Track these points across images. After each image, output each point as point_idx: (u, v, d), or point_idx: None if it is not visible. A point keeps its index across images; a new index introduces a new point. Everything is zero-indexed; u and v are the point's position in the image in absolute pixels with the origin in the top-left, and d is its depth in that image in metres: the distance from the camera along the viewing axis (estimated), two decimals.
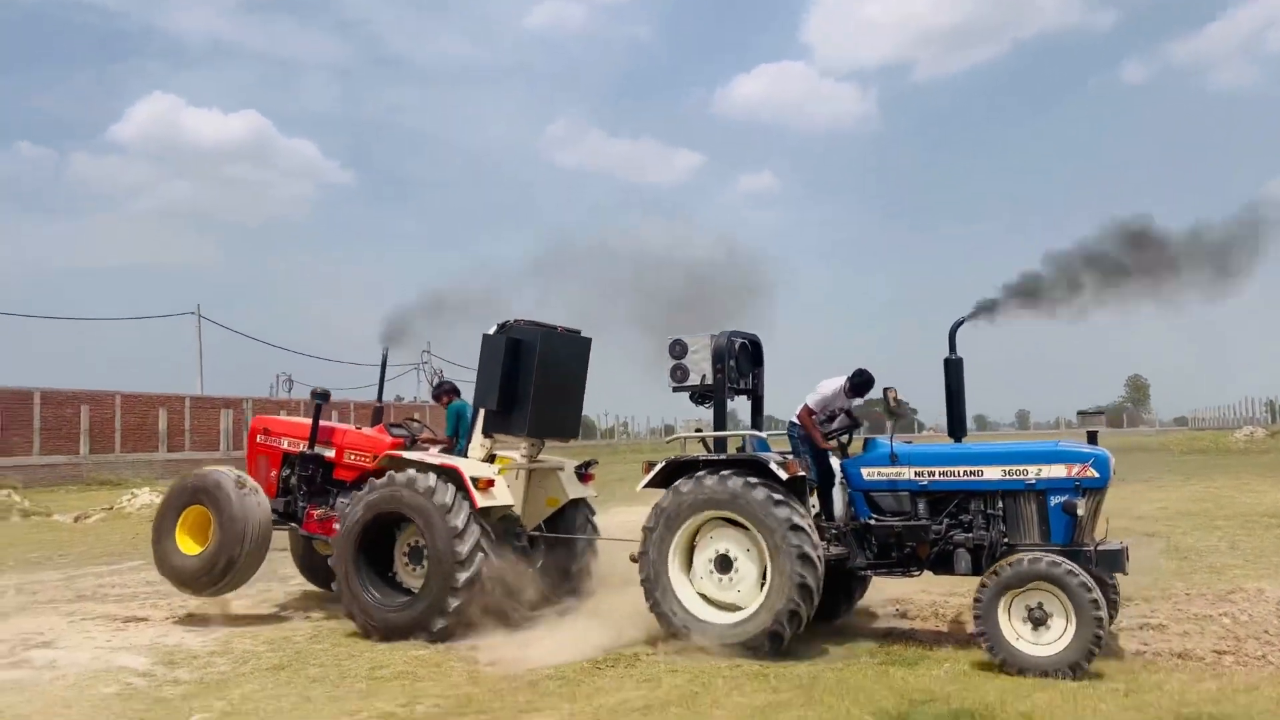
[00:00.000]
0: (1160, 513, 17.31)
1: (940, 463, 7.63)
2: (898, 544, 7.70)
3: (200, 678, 7.24)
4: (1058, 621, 6.56)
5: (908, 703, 5.95)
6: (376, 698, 6.54)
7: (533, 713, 6.08)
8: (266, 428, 10.43)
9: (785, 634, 7.16)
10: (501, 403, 8.77)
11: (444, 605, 8.04)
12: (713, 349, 8.08)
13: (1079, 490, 7.16)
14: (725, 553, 7.53)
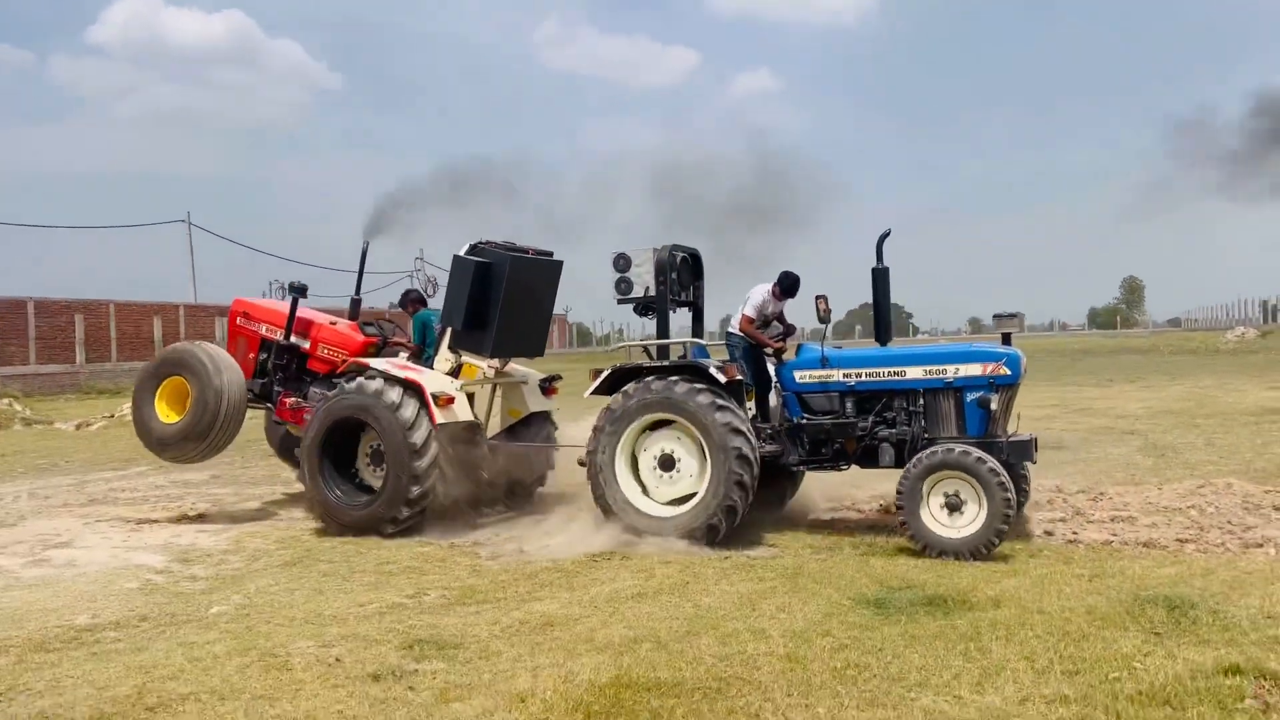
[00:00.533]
0: (1144, 411, 17.73)
1: (866, 365, 8.20)
2: (828, 441, 8.26)
3: (216, 574, 7.60)
4: (971, 507, 7.10)
5: (886, 589, 6.30)
6: (385, 589, 6.90)
7: (533, 601, 6.43)
8: (246, 311, 10.83)
9: (722, 527, 7.70)
10: (467, 323, 9.14)
11: (397, 513, 8.58)
12: (655, 262, 8.46)
13: (992, 387, 7.73)
14: (669, 452, 8.00)
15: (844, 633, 5.41)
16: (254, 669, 5.21)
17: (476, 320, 9.14)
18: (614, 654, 5.19)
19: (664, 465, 8.03)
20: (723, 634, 5.48)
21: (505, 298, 9.11)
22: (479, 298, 9.10)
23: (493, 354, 9.43)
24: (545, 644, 5.47)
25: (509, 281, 9.11)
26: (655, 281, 8.46)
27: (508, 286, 9.10)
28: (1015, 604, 5.81)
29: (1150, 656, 4.81)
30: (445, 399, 8.78)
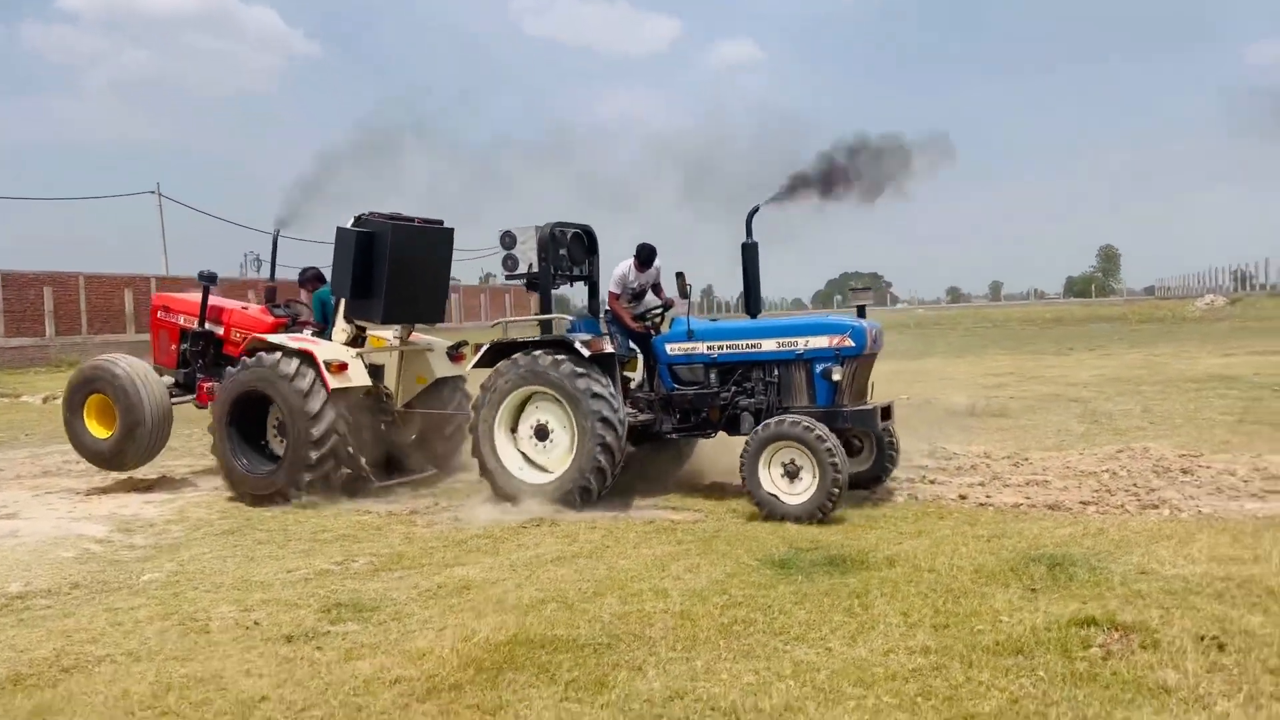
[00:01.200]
0: (1093, 379, 18.09)
1: (727, 337, 8.57)
2: (694, 410, 8.67)
3: (155, 543, 7.80)
4: (806, 474, 7.47)
5: (794, 550, 6.57)
6: (315, 556, 7.13)
7: (456, 566, 6.67)
8: (165, 305, 11.28)
9: (592, 488, 8.13)
10: (356, 292, 9.47)
11: (299, 479, 8.94)
12: (538, 240, 8.77)
13: (838, 359, 8.10)
14: (545, 423, 8.44)
15: (740, 591, 5.67)
16: (173, 632, 5.44)
17: (365, 289, 9.46)
18: (519, 614, 5.43)
19: (539, 435, 8.47)
20: (626, 594, 5.73)
21: (391, 265, 9.37)
22: (364, 267, 9.39)
23: (384, 320, 9.70)
24: (458, 606, 5.71)
25: (393, 249, 9.38)
26: (537, 258, 8.76)
27: (392, 254, 9.38)
28: (909, 563, 6.09)
29: (1019, 611, 5.09)
30: (338, 365, 9.08)
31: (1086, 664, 4.34)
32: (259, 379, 9.17)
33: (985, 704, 4.01)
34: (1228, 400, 13.79)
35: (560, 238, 8.96)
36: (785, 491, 7.55)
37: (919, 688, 4.19)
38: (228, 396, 9.36)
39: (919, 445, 10.79)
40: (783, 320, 8.90)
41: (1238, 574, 5.50)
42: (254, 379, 9.20)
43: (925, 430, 12.07)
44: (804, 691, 4.20)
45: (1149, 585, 5.39)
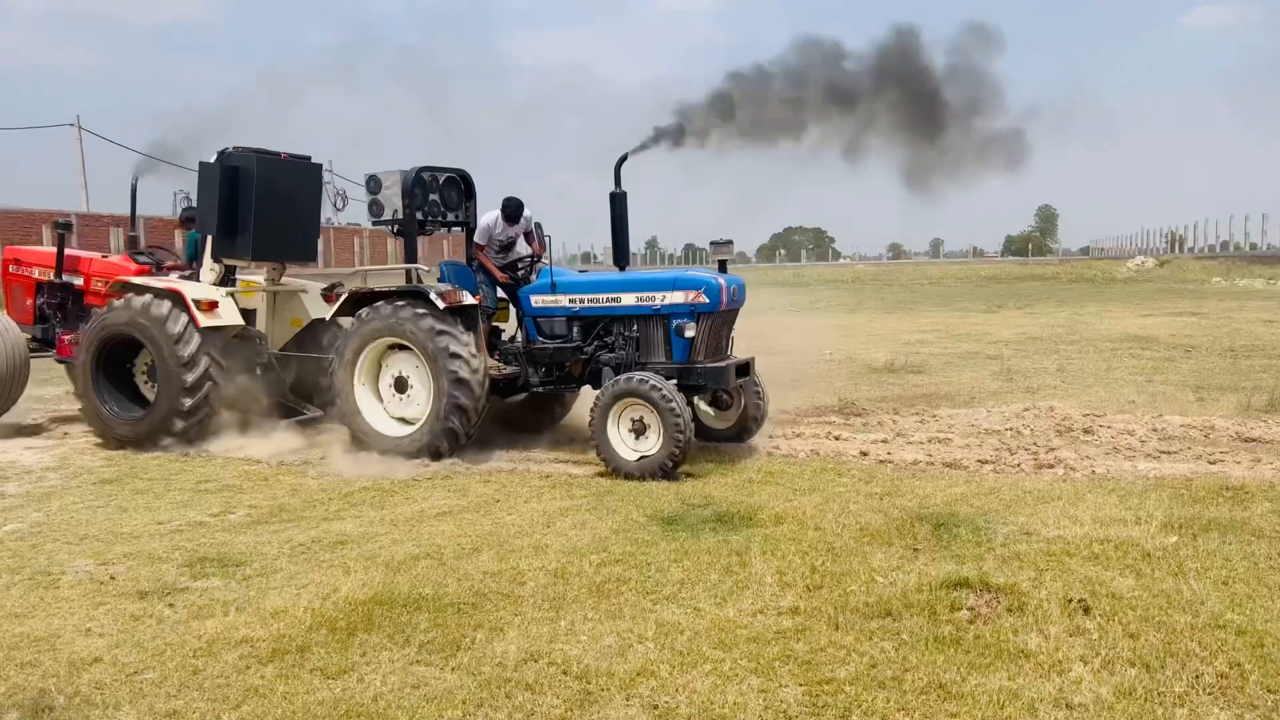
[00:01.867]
0: (1016, 337, 18.25)
1: (588, 290, 8.44)
2: (558, 364, 8.53)
3: (28, 491, 7.46)
4: (652, 431, 7.42)
5: (686, 506, 6.47)
6: (192, 508, 6.85)
7: (336, 520, 6.45)
8: (18, 258, 10.91)
9: (444, 448, 8.00)
10: (223, 228, 9.22)
11: (171, 423, 8.77)
12: (401, 184, 8.48)
13: (693, 315, 7.97)
14: (404, 376, 8.29)
15: (621, 549, 5.54)
16: (19, 587, 5.16)
17: (232, 226, 9.21)
18: (388, 572, 5.25)
19: (398, 387, 8.32)
20: (505, 551, 5.57)
21: (258, 201, 9.13)
22: (230, 202, 9.15)
23: (254, 257, 9.47)
24: (329, 562, 5.50)
25: (259, 183, 9.13)
26: (402, 204, 8.50)
27: (259, 189, 9.13)
28: (796, 521, 6.00)
29: (896, 571, 5.03)
30: (207, 304, 8.88)
31: (952, 627, 4.28)
32: (127, 322, 8.90)
33: (843, 669, 3.92)
34: (1140, 360, 13.98)
35: (431, 183, 8.76)
36: (632, 447, 7.48)
37: (780, 651, 4.10)
38: (94, 339, 9.08)
39: (829, 400, 10.77)
40: (642, 274, 8.75)
41: (1116, 536, 5.50)
42: (122, 321, 8.93)
43: (840, 385, 12.08)
44: (661, 655, 4.08)
45: (1028, 547, 5.37)
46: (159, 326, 8.70)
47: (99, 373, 9.13)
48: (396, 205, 8.54)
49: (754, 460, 7.98)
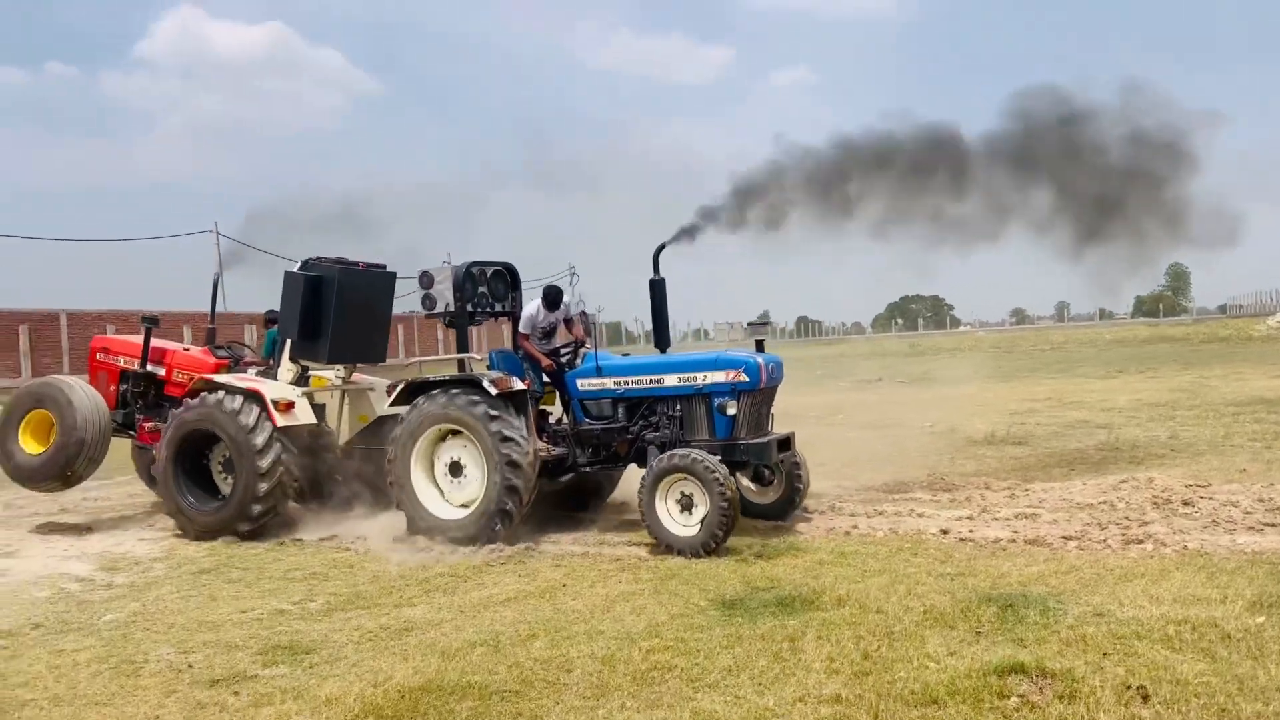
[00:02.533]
0: (1131, 404, 17.48)
1: (632, 373, 8.74)
2: (605, 444, 8.80)
3: (133, 582, 7.88)
4: (699, 506, 7.56)
5: (750, 590, 6.40)
6: (276, 596, 7.13)
7: (407, 606, 6.62)
8: (105, 346, 11.48)
9: (498, 529, 8.20)
10: (303, 333, 9.82)
11: (248, 512, 9.16)
12: (452, 279, 8.92)
13: (734, 393, 8.21)
14: (458, 459, 8.57)
15: (674, 634, 5.51)
16: (105, 676, 5.46)
17: (311, 330, 9.78)
18: (444, 658, 5.35)
19: (453, 471, 8.60)
20: (559, 637, 5.61)
21: (337, 308, 9.70)
22: (311, 309, 9.73)
23: (330, 360, 10.01)
24: (391, 649, 5.64)
25: (339, 292, 9.72)
26: (453, 297, 8.92)
27: (338, 297, 9.71)
28: (858, 603, 5.87)
29: (951, 656, 4.86)
30: (285, 404, 9.39)
31: (996, 716, 4.11)
32: (205, 417, 9.40)
33: None
34: (1262, 426, 13.19)
35: (479, 276, 9.19)
36: (680, 523, 7.64)
37: None
38: (174, 435, 9.57)
39: (919, 475, 10.52)
40: (683, 356, 8.95)
41: (1196, 616, 5.19)
42: (200, 417, 9.43)
43: (934, 459, 11.78)
44: None
45: (1097, 629, 5.11)
46: (235, 422, 9.20)
47: (178, 468, 9.57)
48: (449, 299, 8.96)
49: (829, 540, 7.84)
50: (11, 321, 34.18)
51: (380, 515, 9.24)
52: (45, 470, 10.14)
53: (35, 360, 34.27)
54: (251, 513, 9.15)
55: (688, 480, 7.61)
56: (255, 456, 9.09)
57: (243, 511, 9.17)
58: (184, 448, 9.60)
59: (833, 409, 20.01)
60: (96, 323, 36.80)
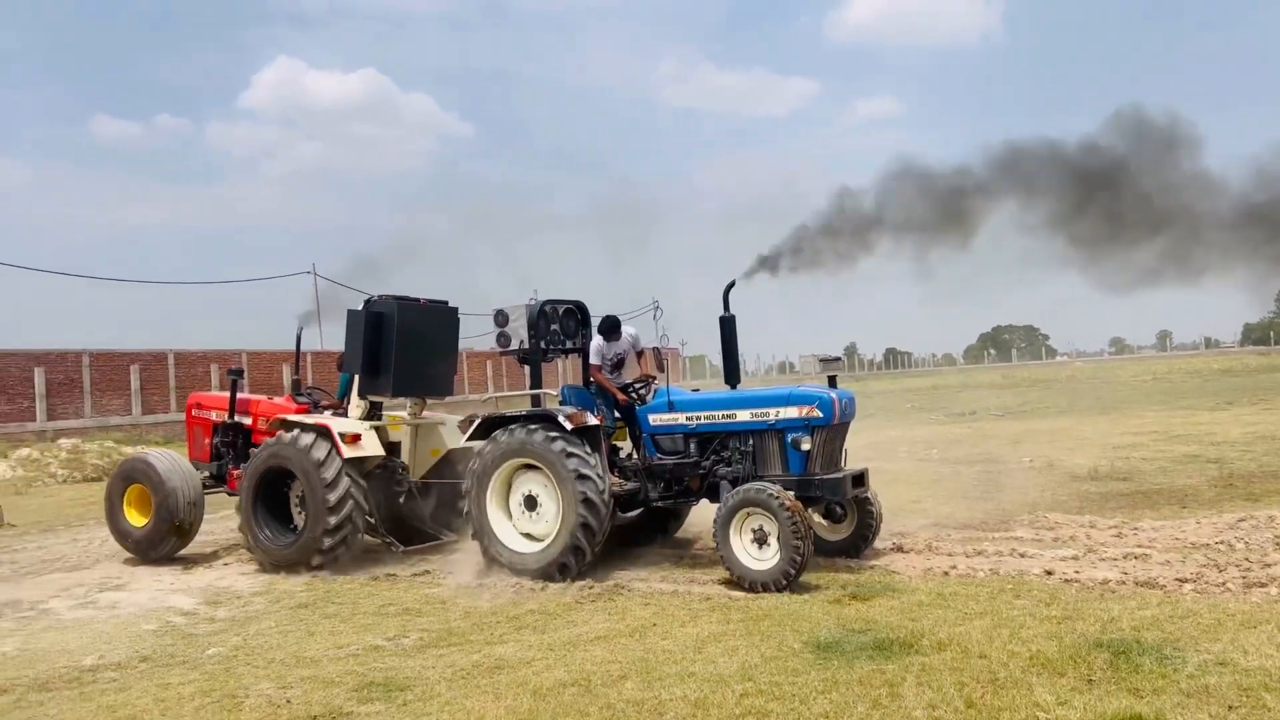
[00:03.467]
0: (1243, 437, 16.73)
1: (704, 408, 8.75)
2: (677, 479, 8.84)
3: (234, 616, 8.08)
4: (773, 540, 7.55)
5: (846, 631, 6.22)
6: (371, 631, 7.21)
7: (499, 644, 6.62)
8: (199, 403, 12.09)
9: (571, 565, 8.29)
10: (366, 368, 10.04)
11: (320, 544, 9.40)
12: (527, 317, 9.17)
13: (808, 428, 8.20)
14: (533, 494, 8.70)
15: (768, 678, 5.39)
16: (209, 710, 5.57)
17: (375, 366, 10.02)
18: (535, 698, 5.32)
19: (528, 505, 8.72)
20: (651, 678, 5.54)
21: (398, 343, 9.92)
22: (374, 346, 9.98)
23: (394, 394, 10.22)
24: (483, 688, 5.63)
25: (400, 328, 9.94)
26: (527, 335, 9.15)
27: (399, 333, 9.93)
28: (960, 648, 5.65)
29: (1062, 706, 4.64)
30: (351, 436, 9.66)
31: None
32: (279, 455, 9.74)
33: None
34: None
35: (551, 314, 9.41)
36: (755, 557, 7.63)
37: None
38: (253, 472, 9.97)
39: (1020, 513, 10.17)
40: (756, 391, 8.90)
41: None
42: (275, 455, 9.79)
43: (1035, 496, 11.39)
44: None
45: (1220, 679, 4.83)
46: (306, 457, 9.49)
47: (257, 503, 9.91)
48: (523, 336, 9.17)
49: (927, 580, 7.61)
50: (123, 362, 35.73)
51: (457, 549, 9.40)
52: (153, 537, 10.56)
53: (145, 398, 35.77)
54: (323, 545, 9.38)
55: (760, 514, 7.62)
56: (325, 490, 9.34)
57: (315, 544, 9.42)
58: (262, 484, 9.96)
59: (925, 443, 19.57)
60: (200, 362, 38.27)
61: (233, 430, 11.53)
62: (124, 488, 10.86)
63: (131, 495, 10.82)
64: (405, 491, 10.17)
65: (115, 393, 35.43)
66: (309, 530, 9.52)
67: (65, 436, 28.64)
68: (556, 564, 8.30)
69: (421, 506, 10.18)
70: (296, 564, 9.51)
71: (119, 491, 10.89)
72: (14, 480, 21.87)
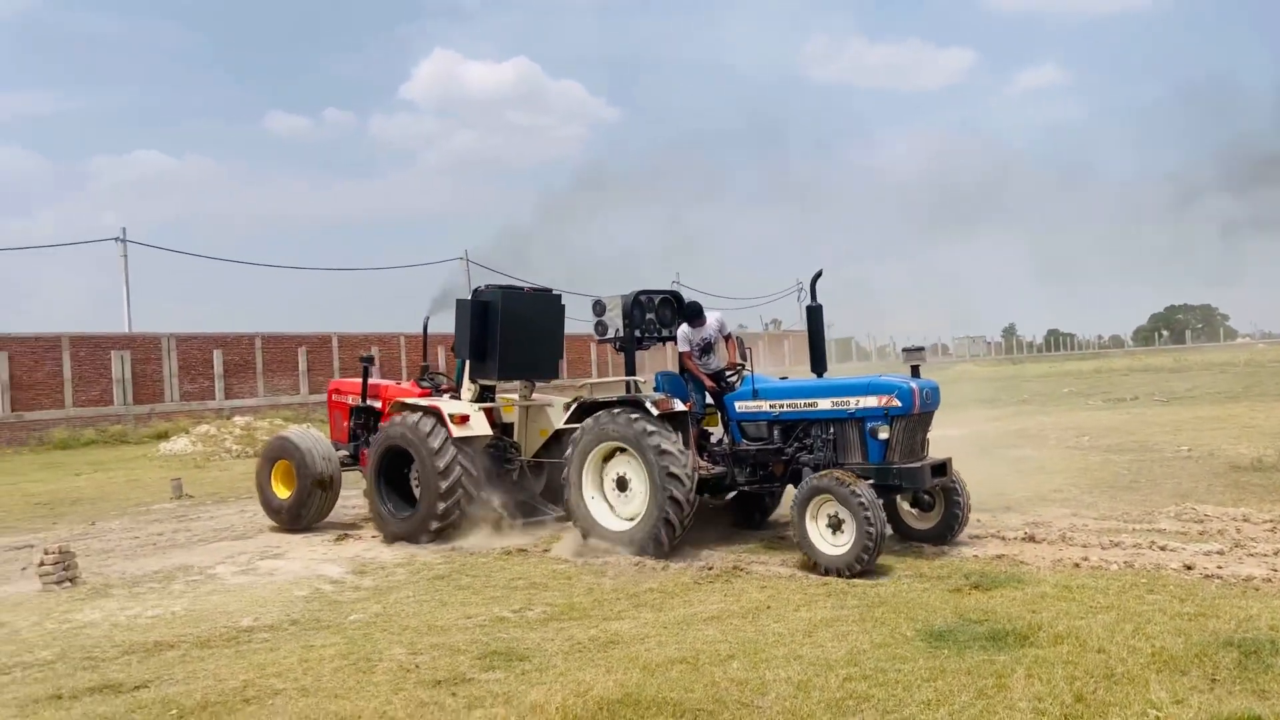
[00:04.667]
0: None
1: (787, 396, 8.94)
2: (761, 464, 9.05)
3: (377, 585, 8.61)
4: (847, 526, 7.67)
5: (962, 621, 6.15)
6: (499, 604, 7.57)
7: (616, 620, 6.84)
8: (337, 388, 13.17)
9: (663, 538, 8.65)
10: (474, 354, 10.70)
11: (433, 517, 10.07)
12: (621, 307, 9.58)
13: (886, 417, 8.24)
14: (624, 475, 9.09)
15: (874, 664, 5.40)
16: (345, 671, 6.00)
17: (482, 351, 10.67)
18: (644, 673, 5.50)
19: (620, 486, 9.12)
20: (758, 659, 5.63)
21: (503, 329, 10.54)
22: (480, 332, 10.63)
23: (500, 377, 10.88)
24: (596, 661, 5.86)
25: (504, 315, 10.56)
26: (622, 324, 9.57)
27: (503, 319, 10.55)
28: (1077, 641, 5.51)
29: (1178, 705, 4.48)
30: (459, 417, 10.31)
31: None
32: (398, 435, 10.46)
33: None
34: None
35: (647, 303, 9.81)
36: (831, 543, 7.79)
37: None
38: (376, 451, 10.77)
39: (1167, 504, 9.70)
40: (837, 380, 8.96)
41: None
42: (394, 435, 10.51)
43: (1187, 486, 10.83)
44: None
45: None
46: (419, 437, 10.17)
47: (381, 479, 10.67)
48: (618, 325, 9.59)
49: (1055, 572, 7.39)
50: (292, 345, 38.08)
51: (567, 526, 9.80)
52: (296, 507, 11.56)
53: (311, 379, 38.02)
54: (436, 517, 10.06)
55: (834, 502, 7.78)
56: (435, 466, 10.01)
57: (429, 517, 10.10)
58: (384, 463, 10.71)
59: (1078, 430, 18.78)
60: (363, 344, 40.29)
61: (365, 413, 12.45)
62: (270, 465, 11.87)
63: (278, 471, 11.82)
64: (517, 469, 10.83)
65: (284, 373, 37.83)
66: (422, 504, 10.20)
67: (239, 414, 30.78)
68: (650, 538, 8.67)
69: (532, 484, 10.83)
70: (413, 536, 10.20)
71: (266, 469, 11.93)
72: (194, 455, 23.73)
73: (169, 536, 11.88)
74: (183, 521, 13.12)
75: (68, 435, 30.60)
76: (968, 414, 25.06)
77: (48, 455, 28.08)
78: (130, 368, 33.93)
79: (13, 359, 31.12)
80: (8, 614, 8.03)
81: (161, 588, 8.83)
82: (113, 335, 34.30)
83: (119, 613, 7.86)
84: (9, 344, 31.29)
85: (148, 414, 33.83)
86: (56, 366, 32.18)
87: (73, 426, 31.44)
